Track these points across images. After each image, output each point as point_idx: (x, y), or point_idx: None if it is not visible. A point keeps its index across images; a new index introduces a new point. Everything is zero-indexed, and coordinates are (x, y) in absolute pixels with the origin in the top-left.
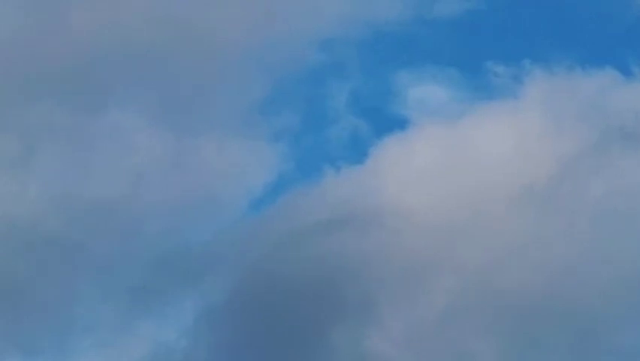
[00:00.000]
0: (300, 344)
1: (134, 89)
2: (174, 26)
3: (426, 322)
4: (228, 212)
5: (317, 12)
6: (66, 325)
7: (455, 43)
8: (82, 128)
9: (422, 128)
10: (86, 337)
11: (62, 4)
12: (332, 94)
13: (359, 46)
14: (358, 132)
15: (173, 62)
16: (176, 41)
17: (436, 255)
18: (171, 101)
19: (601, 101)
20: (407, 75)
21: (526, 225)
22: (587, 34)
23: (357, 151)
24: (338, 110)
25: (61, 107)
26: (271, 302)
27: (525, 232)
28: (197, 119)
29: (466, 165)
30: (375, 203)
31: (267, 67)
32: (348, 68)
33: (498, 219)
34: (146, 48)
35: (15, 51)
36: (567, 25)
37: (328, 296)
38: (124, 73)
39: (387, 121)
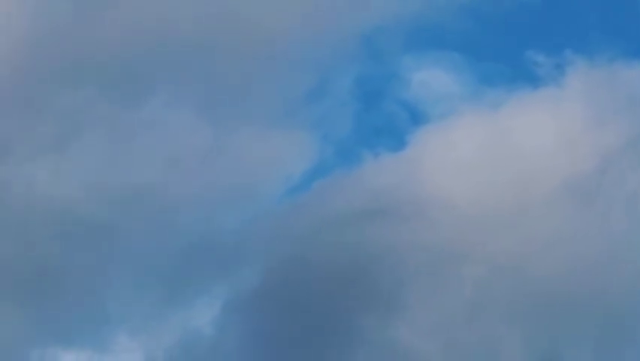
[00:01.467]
0: (328, 333)
1: (177, 80)
2: (218, 18)
3: (455, 312)
4: (263, 200)
5: (363, 4)
6: (100, 313)
7: (496, 32)
8: (123, 117)
9: (463, 117)
10: (119, 325)
11: None
12: (372, 82)
13: (401, 37)
14: (398, 119)
15: (216, 54)
16: (220, 33)
17: (470, 245)
18: (212, 92)
19: None
20: (446, 65)
21: (564, 216)
22: (630, 26)
23: (396, 138)
24: (378, 99)
25: (103, 96)
26: (301, 291)
27: (562, 224)
28: (237, 109)
29: (506, 154)
30: (413, 191)
31: (309, 58)
32: (388, 58)
33: (536, 210)
34: (190, 40)
35: (62, 39)
36: (610, 16)
37: (358, 285)
38: (167, 64)
39: (428, 108)
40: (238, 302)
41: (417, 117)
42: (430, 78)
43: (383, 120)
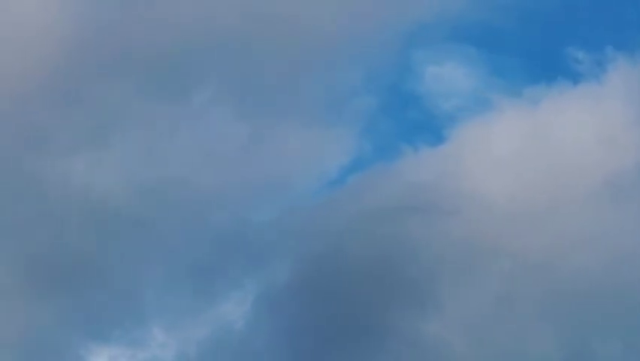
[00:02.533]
0: (359, 327)
1: (219, 76)
2: (262, 15)
3: (487, 307)
4: (298, 194)
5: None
6: (134, 309)
7: (537, 29)
8: (163, 112)
9: (502, 113)
10: (153, 320)
11: None
12: (412, 78)
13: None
14: (438, 115)
15: (258, 50)
16: (263, 30)
17: (505, 241)
18: (254, 88)
19: None
20: (487, 61)
21: (601, 213)
22: None
23: (436, 133)
24: (418, 94)
25: (144, 91)
26: (332, 285)
27: (598, 221)
28: (278, 105)
29: (545, 150)
30: (450, 187)
31: (351, 55)
32: (429, 55)
33: (573, 206)
34: (233, 36)
35: (106, 35)
36: None
37: (390, 280)
38: (210, 60)
39: (468, 104)
40: (269, 297)
41: (457, 112)
42: (471, 74)
43: (423, 115)
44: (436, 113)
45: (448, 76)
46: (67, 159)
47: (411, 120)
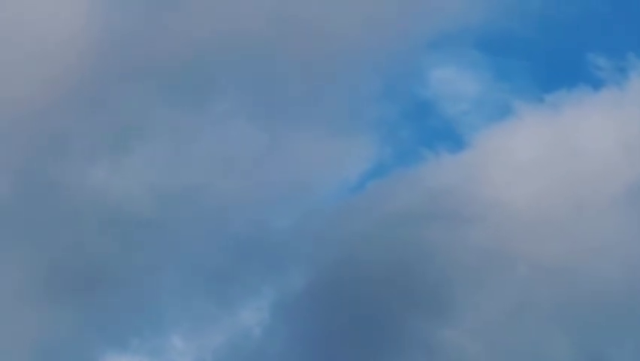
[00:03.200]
0: (376, 334)
1: (240, 83)
2: (283, 21)
3: (504, 314)
4: (316, 200)
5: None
6: (152, 316)
7: (558, 35)
8: (184, 119)
9: (523, 118)
10: (171, 328)
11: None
12: (433, 85)
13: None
14: (459, 120)
15: (279, 57)
16: (283, 36)
17: (524, 248)
18: (274, 95)
19: None
20: (508, 68)
21: (622, 220)
22: None
23: (456, 139)
24: (439, 100)
25: (165, 97)
26: (349, 292)
27: (619, 228)
28: (298, 112)
29: (566, 157)
30: (470, 193)
31: (372, 61)
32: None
33: (595, 213)
34: (254, 43)
35: (128, 41)
36: None
37: (407, 286)
38: (231, 67)
39: (489, 109)
40: (287, 303)
41: (477, 119)
42: (491, 81)
43: (443, 122)
44: (456, 120)
45: (468, 83)
46: (88, 164)
47: (431, 127)
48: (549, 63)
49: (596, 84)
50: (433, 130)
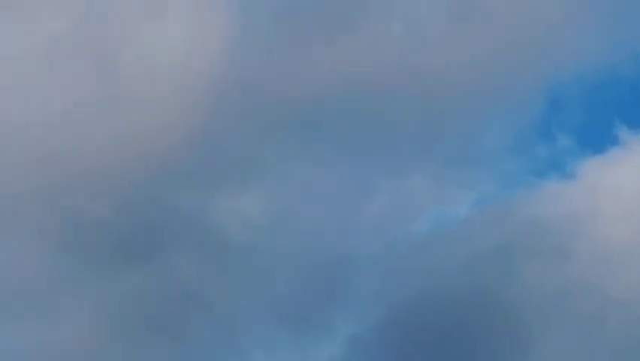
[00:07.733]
0: None
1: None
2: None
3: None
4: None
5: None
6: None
7: None
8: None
9: (631, 149)
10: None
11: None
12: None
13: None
14: (566, 152)
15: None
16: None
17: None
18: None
19: None
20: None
21: None
22: None
23: (563, 171)
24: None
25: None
26: (429, 325)
27: None
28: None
29: None
30: (573, 226)
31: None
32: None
33: None
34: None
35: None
36: None
37: (491, 321)
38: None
39: (594, 140)
40: (363, 336)
41: (583, 149)
42: (597, 114)
43: (550, 153)
44: (562, 150)
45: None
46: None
47: (537, 157)
48: None
49: None
50: (539, 161)
